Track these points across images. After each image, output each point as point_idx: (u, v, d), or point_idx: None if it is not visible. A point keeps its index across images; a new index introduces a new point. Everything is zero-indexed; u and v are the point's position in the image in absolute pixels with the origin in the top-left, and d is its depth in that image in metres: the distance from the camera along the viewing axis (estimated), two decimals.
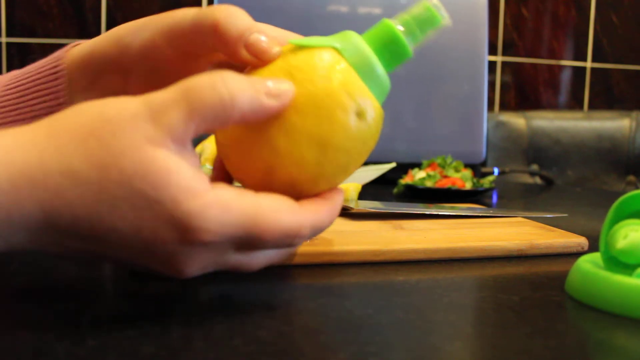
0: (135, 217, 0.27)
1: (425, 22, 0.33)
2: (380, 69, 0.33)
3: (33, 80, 0.41)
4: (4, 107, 0.41)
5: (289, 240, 0.30)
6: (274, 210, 0.29)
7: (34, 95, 0.40)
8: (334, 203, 0.33)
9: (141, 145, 0.27)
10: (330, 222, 0.33)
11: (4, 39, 1.53)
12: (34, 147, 0.27)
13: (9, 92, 0.41)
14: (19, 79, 0.41)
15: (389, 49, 0.33)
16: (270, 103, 0.30)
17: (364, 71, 0.33)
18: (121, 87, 0.39)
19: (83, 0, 1.53)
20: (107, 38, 0.39)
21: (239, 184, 0.35)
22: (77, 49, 0.41)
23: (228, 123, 0.29)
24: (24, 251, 0.28)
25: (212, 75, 0.28)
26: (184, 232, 0.27)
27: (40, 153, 0.26)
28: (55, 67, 0.40)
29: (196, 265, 0.29)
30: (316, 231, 0.32)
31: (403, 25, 0.33)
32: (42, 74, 0.41)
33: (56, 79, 0.40)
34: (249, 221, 0.28)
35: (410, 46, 0.34)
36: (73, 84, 0.40)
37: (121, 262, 0.29)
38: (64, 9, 1.53)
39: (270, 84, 0.30)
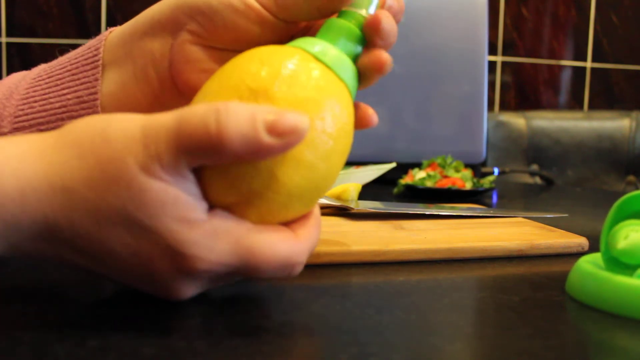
0: (132, 241, 0.27)
1: None
2: (351, 65, 0.32)
3: (67, 70, 0.40)
4: (31, 97, 0.40)
5: (287, 269, 0.30)
6: (271, 243, 0.29)
7: (66, 85, 0.40)
8: (317, 217, 0.33)
9: (135, 174, 0.26)
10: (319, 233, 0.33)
11: (4, 39, 1.53)
12: (42, 159, 0.27)
13: (40, 82, 0.40)
14: (53, 69, 0.41)
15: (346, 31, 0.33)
16: (272, 143, 0.26)
17: (341, 70, 0.31)
18: (163, 51, 0.38)
19: (83, 0, 1.53)
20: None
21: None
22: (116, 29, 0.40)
23: (222, 161, 0.27)
24: (25, 257, 0.29)
25: (208, 109, 0.26)
26: (180, 260, 0.27)
27: (47, 166, 0.27)
28: (93, 56, 0.39)
29: (192, 290, 0.29)
30: (311, 252, 0.31)
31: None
32: (77, 64, 0.40)
33: (93, 67, 0.39)
34: (246, 253, 0.28)
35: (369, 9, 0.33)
36: (108, 56, 0.39)
37: (118, 282, 0.30)
38: (64, 9, 1.53)
39: (277, 117, 0.26)
